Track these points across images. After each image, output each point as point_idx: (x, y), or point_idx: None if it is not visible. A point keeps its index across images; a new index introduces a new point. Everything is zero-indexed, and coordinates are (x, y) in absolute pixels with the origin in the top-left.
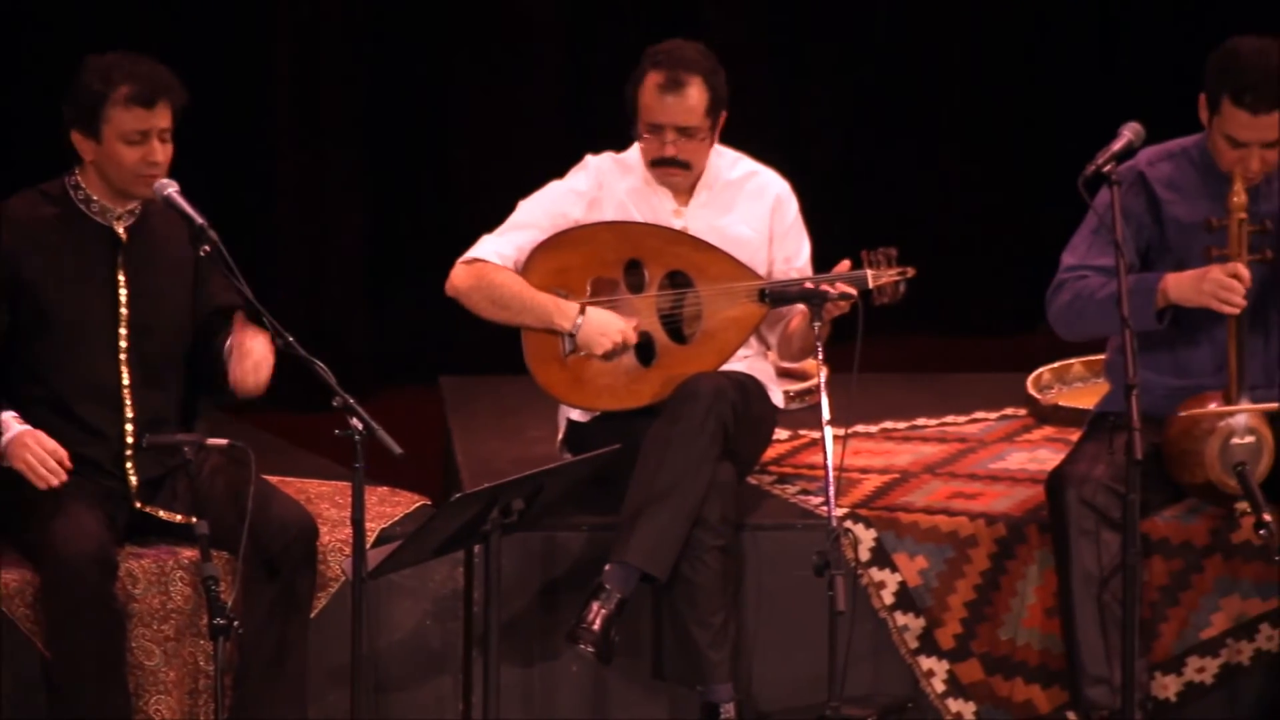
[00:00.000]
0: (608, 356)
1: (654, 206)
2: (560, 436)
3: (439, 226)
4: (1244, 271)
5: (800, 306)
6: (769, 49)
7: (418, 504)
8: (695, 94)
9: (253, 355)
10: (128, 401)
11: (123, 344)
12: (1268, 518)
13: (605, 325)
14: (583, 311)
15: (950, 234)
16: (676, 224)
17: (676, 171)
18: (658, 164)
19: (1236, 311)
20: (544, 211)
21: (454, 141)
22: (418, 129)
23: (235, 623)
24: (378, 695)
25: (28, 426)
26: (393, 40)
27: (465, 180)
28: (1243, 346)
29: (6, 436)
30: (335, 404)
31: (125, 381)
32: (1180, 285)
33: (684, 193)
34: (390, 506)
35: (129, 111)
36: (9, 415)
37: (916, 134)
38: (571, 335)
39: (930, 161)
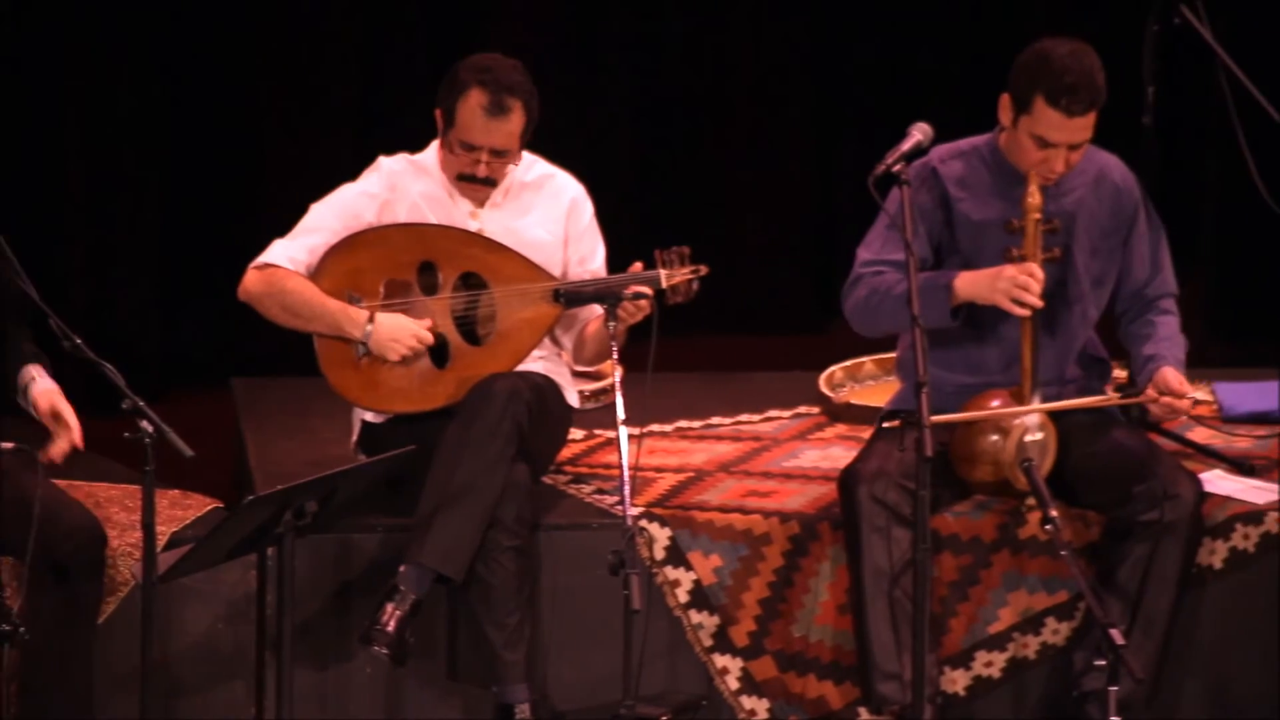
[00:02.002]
0: (404, 362)
1: (449, 210)
2: (354, 438)
3: (230, 229)
4: (1039, 271)
5: (598, 311)
6: (559, 48)
7: (210, 507)
8: (516, 119)
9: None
10: None
11: None
12: (1054, 513)
13: (396, 331)
14: (372, 319)
15: (742, 232)
16: (473, 226)
17: (484, 189)
18: (465, 179)
19: (1029, 312)
20: (335, 215)
21: (247, 145)
22: (211, 132)
23: (21, 629)
24: (169, 700)
25: None
26: (188, 43)
27: (258, 183)
28: (1036, 345)
29: None
30: (125, 406)
31: None
32: (974, 284)
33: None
34: (181, 510)
35: None
36: None
37: (707, 133)
38: (364, 343)
39: (721, 161)
